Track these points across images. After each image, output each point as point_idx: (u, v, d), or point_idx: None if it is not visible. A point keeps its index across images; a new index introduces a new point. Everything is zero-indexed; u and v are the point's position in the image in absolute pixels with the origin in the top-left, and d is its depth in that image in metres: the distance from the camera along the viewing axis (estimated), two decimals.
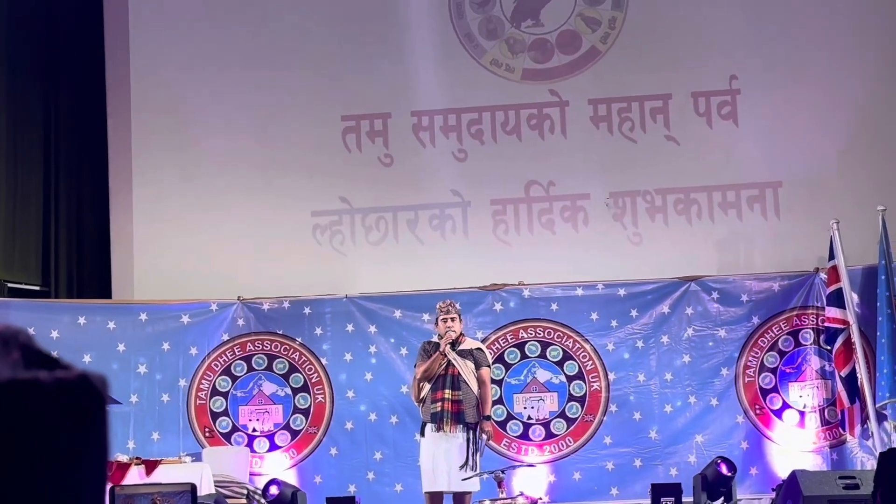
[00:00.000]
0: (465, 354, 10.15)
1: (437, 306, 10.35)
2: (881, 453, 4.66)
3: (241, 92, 12.90)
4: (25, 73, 12.66)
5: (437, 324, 10.31)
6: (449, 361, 10.09)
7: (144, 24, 13.02)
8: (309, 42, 12.95)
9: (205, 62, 12.95)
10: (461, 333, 10.29)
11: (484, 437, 10.08)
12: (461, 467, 9.92)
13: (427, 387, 10.12)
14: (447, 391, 10.02)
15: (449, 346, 10.10)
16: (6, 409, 1.02)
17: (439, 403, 10.01)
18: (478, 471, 9.94)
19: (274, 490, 10.33)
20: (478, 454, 10.03)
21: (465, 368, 10.08)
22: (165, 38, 13.01)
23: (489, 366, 10.35)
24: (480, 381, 10.12)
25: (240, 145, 12.82)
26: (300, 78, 12.90)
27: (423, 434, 10.19)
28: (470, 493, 10.09)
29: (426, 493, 10.18)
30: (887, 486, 3.94)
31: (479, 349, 10.29)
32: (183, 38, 13.01)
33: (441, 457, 10.00)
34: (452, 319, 10.17)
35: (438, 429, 10.01)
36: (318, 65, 12.92)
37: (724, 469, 10.42)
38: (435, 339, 10.32)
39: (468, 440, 10.00)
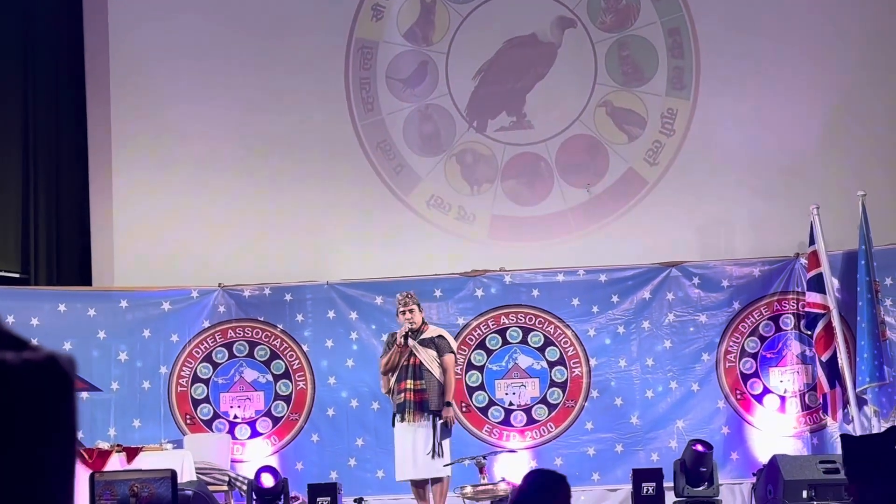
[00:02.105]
0: (426, 343, 10.27)
1: (396, 298, 10.48)
2: (841, 436, 4.75)
3: (221, 78, 12.86)
4: (2, 59, 12.59)
5: (398, 316, 10.41)
6: (411, 351, 10.18)
7: (124, 9, 12.96)
8: (289, 29, 12.91)
9: (185, 48, 12.90)
10: (423, 322, 10.41)
11: (440, 421, 10.13)
12: (427, 454, 10.02)
13: (393, 378, 10.25)
14: (409, 381, 10.16)
15: (411, 336, 10.21)
16: None
17: (403, 394, 10.16)
18: (444, 456, 10.02)
19: (268, 479, 10.30)
20: (445, 440, 10.11)
21: (427, 357, 10.21)
22: (145, 24, 12.95)
23: (453, 352, 10.47)
24: (444, 368, 10.22)
25: (220, 131, 12.79)
26: (280, 63, 12.87)
27: (394, 424, 10.30)
28: (447, 477, 10.17)
29: (410, 480, 10.28)
30: (851, 468, 3.98)
31: (440, 336, 10.40)
32: (163, 24, 12.95)
33: (409, 445, 10.11)
34: (411, 311, 10.31)
35: (402, 419, 10.12)
36: (300, 52, 12.88)
37: (700, 447, 10.44)
38: (399, 331, 10.44)
39: (433, 427, 10.09)
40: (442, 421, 10.19)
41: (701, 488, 10.45)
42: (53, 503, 1.08)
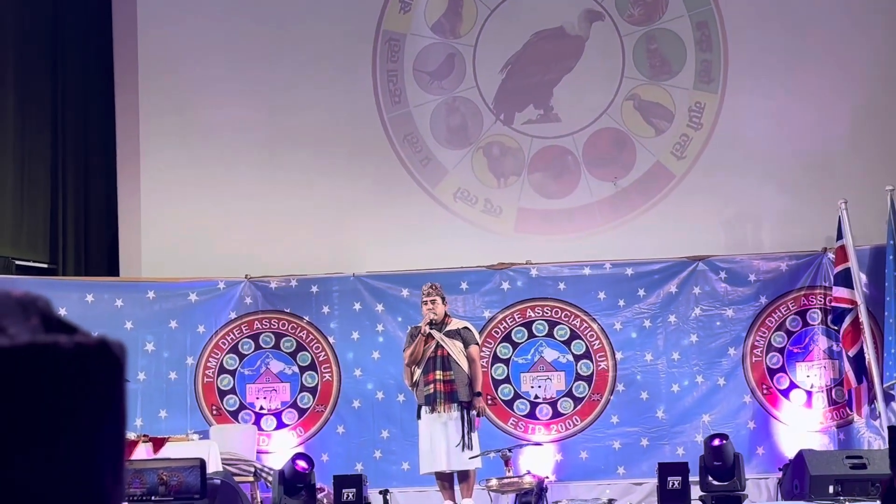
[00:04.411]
0: (452, 335, 10.30)
1: (422, 289, 10.50)
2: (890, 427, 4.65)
3: (248, 70, 12.88)
4: (33, 50, 12.65)
5: (423, 306, 10.45)
6: (438, 343, 10.20)
7: (152, 1, 12.99)
8: (317, 20, 12.92)
9: (213, 40, 12.93)
10: (447, 314, 10.43)
11: (474, 412, 10.17)
12: (457, 446, 10.04)
13: (418, 371, 10.26)
14: (438, 372, 10.17)
15: (436, 328, 10.23)
16: (25, 372, 1.02)
17: (432, 385, 10.17)
18: (474, 447, 10.05)
19: (302, 464, 10.32)
20: (473, 432, 10.14)
21: (454, 348, 10.22)
22: (173, 16, 12.98)
23: (477, 343, 10.51)
24: (470, 359, 10.26)
25: (247, 123, 12.81)
26: (308, 55, 12.88)
27: (419, 417, 10.31)
28: (474, 469, 10.19)
29: (435, 472, 10.30)
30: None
31: (465, 328, 10.44)
32: (191, 16, 12.98)
33: (438, 437, 10.14)
34: (433, 302, 10.33)
35: (432, 410, 10.15)
36: (327, 44, 12.89)
37: (717, 441, 10.39)
38: (422, 322, 10.46)
39: (462, 419, 10.12)
40: (475, 411, 10.21)
41: (727, 482, 10.41)
42: (103, 487, 1.09)
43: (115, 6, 13.08)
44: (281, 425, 11.95)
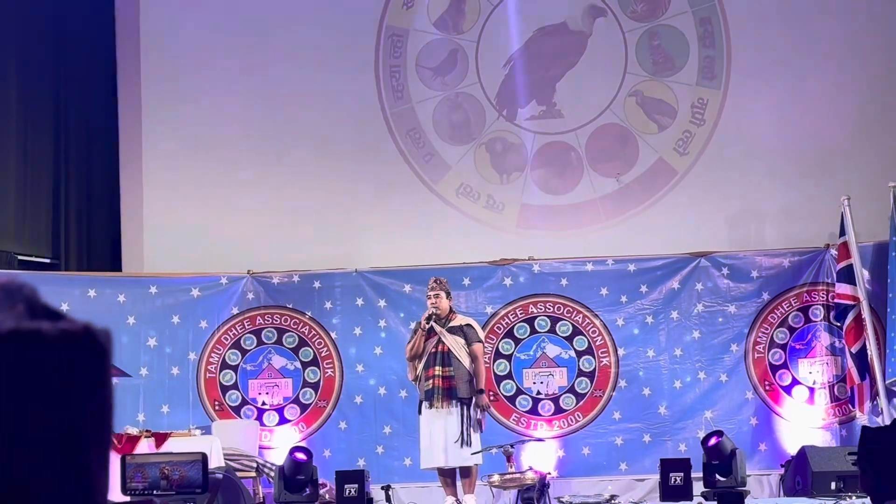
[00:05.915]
0: (455, 331, 10.29)
1: (428, 283, 10.51)
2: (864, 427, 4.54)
3: (251, 65, 12.88)
4: (35, 46, 12.64)
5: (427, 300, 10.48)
6: (439, 339, 10.21)
7: None
8: (320, 16, 12.91)
9: (215, 36, 12.92)
10: (451, 310, 10.43)
11: (477, 410, 10.16)
12: (455, 442, 10.05)
13: (420, 365, 10.26)
14: (438, 368, 10.18)
15: (439, 323, 10.23)
16: (8, 358, 1.01)
17: (431, 381, 10.18)
18: (473, 444, 10.05)
19: (301, 455, 10.31)
20: (471, 428, 10.13)
21: (455, 344, 10.23)
22: (176, 11, 12.98)
23: (481, 341, 10.48)
24: (473, 357, 10.25)
25: (250, 118, 12.81)
26: (311, 50, 12.87)
27: (420, 412, 10.32)
28: (476, 465, 10.19)
29: (436, 468, 10.30)
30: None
31: (468, 325, 10.42)
32: (193, 11, 12.98)
33: (438, 433, 10.14)
34: (437, 296, 10.35)
35: (431, 406, 10.14)
36: (330, 39, 12.89)
37: (712, 441, 10.36)
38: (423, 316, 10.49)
39: (462, 415, 10.11)
40: (482, 409, 10.21)
41: (727, 478, 10.39)
42: (89, 475, 1.08)
43: (118, 2, 13.08)
44: (283, 421, 11.96)
